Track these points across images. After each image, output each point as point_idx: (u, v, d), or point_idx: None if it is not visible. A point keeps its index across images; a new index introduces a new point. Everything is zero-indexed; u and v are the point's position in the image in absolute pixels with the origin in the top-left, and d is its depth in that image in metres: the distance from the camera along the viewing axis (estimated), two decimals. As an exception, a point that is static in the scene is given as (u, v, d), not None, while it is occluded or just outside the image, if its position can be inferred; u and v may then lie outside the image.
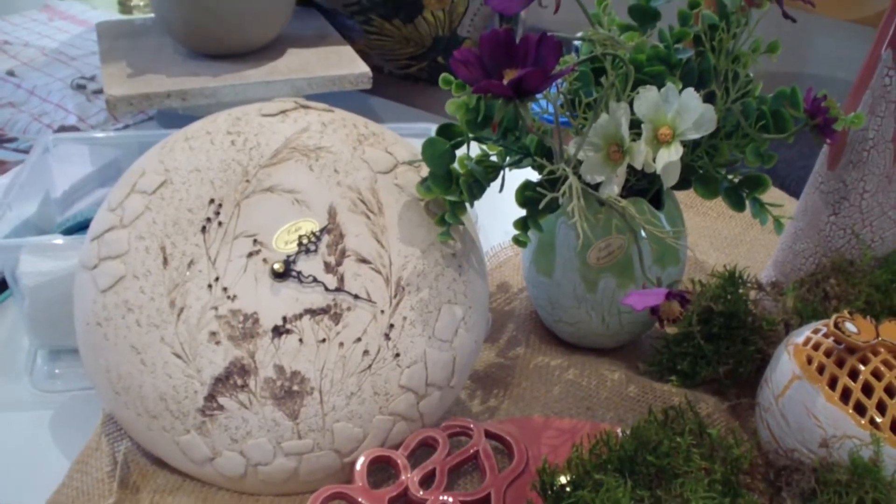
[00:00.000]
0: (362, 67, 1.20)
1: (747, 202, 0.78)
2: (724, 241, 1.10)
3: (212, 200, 0.73)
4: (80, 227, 0.93)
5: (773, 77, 0.86)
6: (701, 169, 0.79)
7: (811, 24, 1.89)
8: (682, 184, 0.80)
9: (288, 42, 1.28)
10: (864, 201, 0.85)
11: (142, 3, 3.37)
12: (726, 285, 0.84)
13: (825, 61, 2.67)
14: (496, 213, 0.79)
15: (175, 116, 1.20)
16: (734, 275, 0.84)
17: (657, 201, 0.84)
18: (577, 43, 0.80)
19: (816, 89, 0.73)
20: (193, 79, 1.15)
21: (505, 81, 0.67)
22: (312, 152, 0.76)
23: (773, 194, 0.83)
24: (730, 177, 0.79)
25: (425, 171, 0.77)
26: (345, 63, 1.21)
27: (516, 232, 0.77)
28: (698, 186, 0.80)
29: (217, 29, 1.18)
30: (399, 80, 1.50)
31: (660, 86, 0.74)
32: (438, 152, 0.74)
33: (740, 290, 0.84)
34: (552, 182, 0.74)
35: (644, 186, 0.83)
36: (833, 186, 0.86)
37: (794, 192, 0.90)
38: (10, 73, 1.49)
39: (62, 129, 1.27)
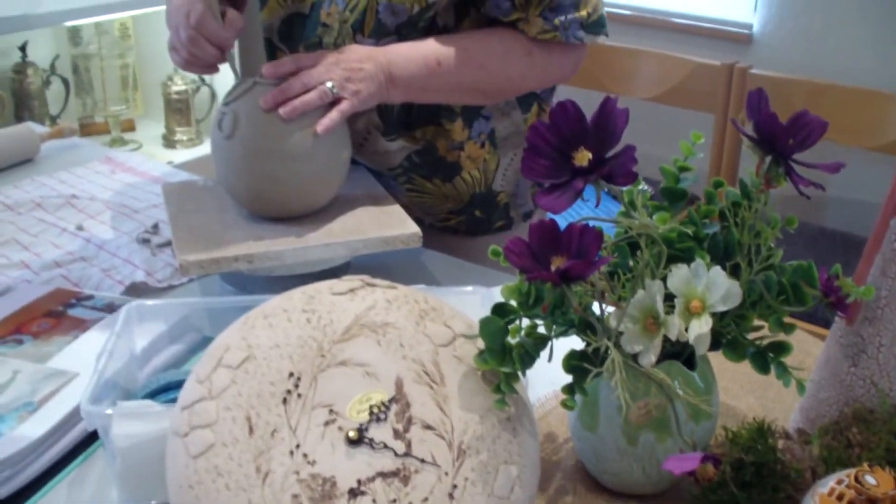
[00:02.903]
0: (412, 228, 1.28)
1: (772, 366, 0.85)
2: (755, 384, 1.16)
3: (291, 374, 0.82)
4: (163, 389, 1.02)
5: (803, 199, 0.93)
6: (729, 335, 0.87)
7: (834, 152, 2.00)
8: (713, 346, 0.86)
9: (342, 202, 1.36)
10: (880, 354, 0.92)
11: (185, 139, 3.52)
12: (755, 437, 0.91)
13: (850, 185, 2.78)
14: (541, 365, 0.86)
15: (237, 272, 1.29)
16: (763, 426, 0.91)
17: (691, 361, 0.91)
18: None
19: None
20: (258, 243, 1.23)
21: (553, 268, 0.76)
22: (380, 328, 0.85)
23: (797, 337, 0.89)
24: (756, 342, 0.87)
25: (480, 342, 0.85)
26: (395, 224, 1.29)
27: (561, 384, 0.85)
28: (727, 351, 0.87)
29: (278, 196, 1.27)
30: (439, 231, 1.58)
31: (689, 259, 0.83)
32: (494, 329, 0.83)
33: (769, 441, 0.91)
34: (595, 351, 0.83)
35: (679, 350, 0.90)
36: (851, 340, 0.94)
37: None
38: (80, 228, 1.58)
39: (133, 286, 1.36)
